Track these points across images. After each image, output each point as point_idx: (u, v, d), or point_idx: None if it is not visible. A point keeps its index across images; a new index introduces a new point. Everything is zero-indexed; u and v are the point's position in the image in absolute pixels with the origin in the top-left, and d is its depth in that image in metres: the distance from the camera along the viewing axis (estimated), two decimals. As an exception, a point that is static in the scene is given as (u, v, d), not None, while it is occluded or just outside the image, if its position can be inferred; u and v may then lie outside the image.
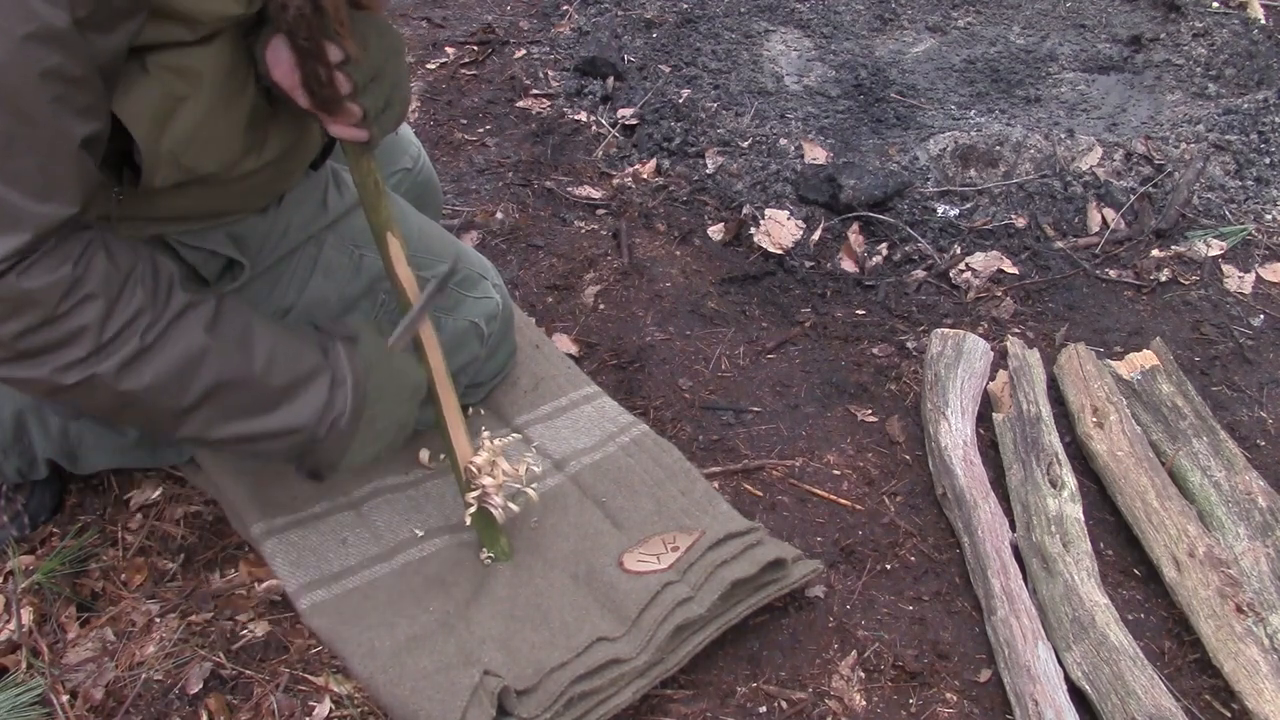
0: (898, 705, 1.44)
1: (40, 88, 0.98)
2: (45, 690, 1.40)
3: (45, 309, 1.08)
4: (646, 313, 2.14)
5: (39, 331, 1.09)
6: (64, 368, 1.12)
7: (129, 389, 1.15)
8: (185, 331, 1.18)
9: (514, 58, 3.07)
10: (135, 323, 1.14)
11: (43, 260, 1.07)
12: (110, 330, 1.13)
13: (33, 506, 1.64)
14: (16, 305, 1.07)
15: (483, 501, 1.49)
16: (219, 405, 1.22)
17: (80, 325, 1.11)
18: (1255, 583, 1.53)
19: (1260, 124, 2.62)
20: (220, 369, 1.20)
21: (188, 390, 1.19)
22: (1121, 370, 1.91)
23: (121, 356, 1.14)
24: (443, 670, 1.34)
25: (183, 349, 1.18)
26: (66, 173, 1.05)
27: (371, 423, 1.33)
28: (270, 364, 1.25)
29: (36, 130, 1.00)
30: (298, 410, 1.27)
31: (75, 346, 1.12)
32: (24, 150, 1.01)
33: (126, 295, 1.14)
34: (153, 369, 1.16)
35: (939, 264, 2.26)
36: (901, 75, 3.00)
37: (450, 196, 2.46)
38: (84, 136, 1.04)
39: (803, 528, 1.70)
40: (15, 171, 1.01)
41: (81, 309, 1.11)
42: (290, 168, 1.42)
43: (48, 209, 1.04)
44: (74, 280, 1.09)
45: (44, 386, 1.14)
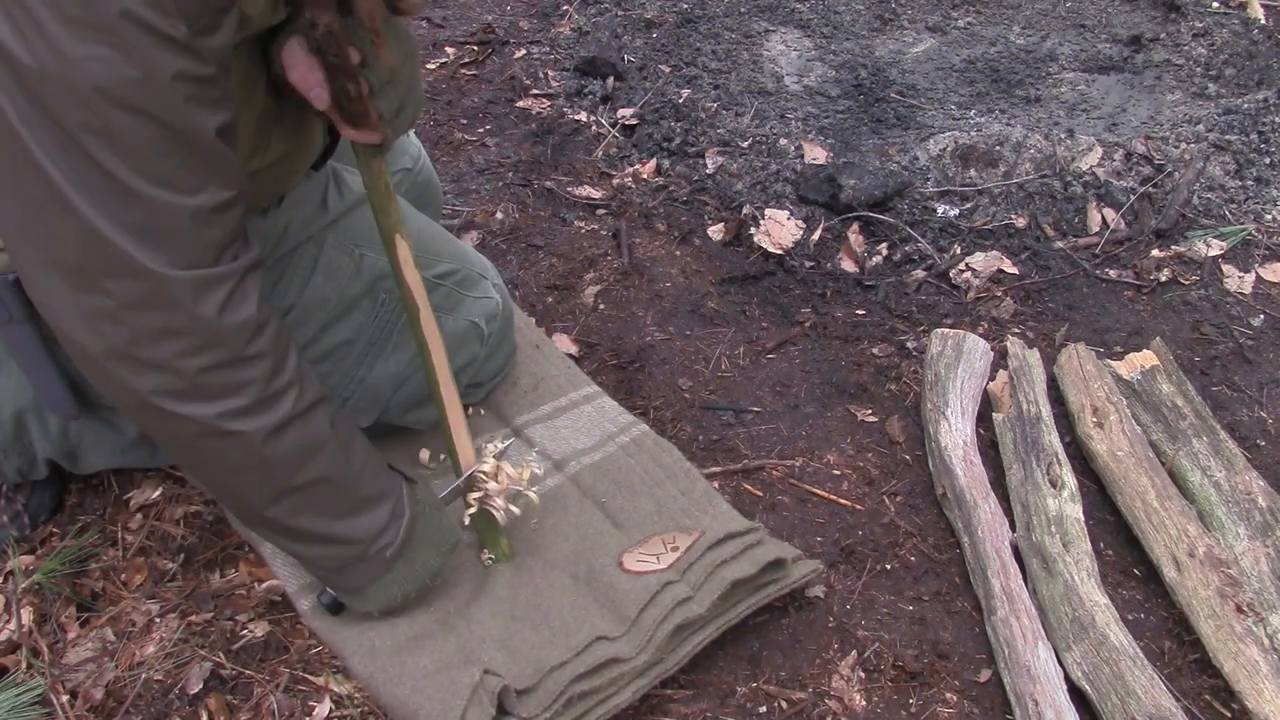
0: (898, 705, 1.44)
1: (174, 92, 1.02)
2: (45, 690, 1.40)
3: (233, 348, 1.14)
4: (646, 313, 2.14)
5: (221, 370, 1.14)
6: (229, 414, 1.16)
7: (268, 453, 1.20)
8: (319, 417, 1.25)
9: (514, 58, 3.07)
10: (291, 390, 1.21)
11: (237, 295, 1.13)
12: (274, 387, 1.19)
13: (33, 506, 1.64)
14: (211, 340, 1.12)
15: (484, 504, 1.49)
16: (314, 496, 1.27)
17: (253, 375, 1.17)
18: (1255, 583, 1.53)
19: (1260, 124, 2.62)
20: (331, 463, 1.27)
21: (302, 472, 1.24)
22: (1121, 370, 1.91)
23: (276, 418, 1.19)
24: (443, 669, 1.34)
25: (315, 431, 1.24)
26: (211, 162, 1.09)
27: (410, 563, 1.38)
28: (361, 474, 1.31)
29: (177, 131, 1.04)
30: (363, 524, 1.32)
31: (243, 395, 1.16)
32: (170, 151, 1.05)
33: (288, 362, 1.21)
34: (291, 440, 1.21)
35: (939, 264, 2.26)
36: (901, 75, 3.00)
37: (450, 196, 2.46)
38: (217, 126, 1.08)
39: (803, 528, 1.70)
40: (167, 173, 1.06)
41: (258, 360, 1.17)
42: (293, 168, 1.42)
43: (201, 199, 1.08)
44: (258, 325, 1.16)
45: (197, 428, 1.16)
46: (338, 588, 1.40)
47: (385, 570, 1.36)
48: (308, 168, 1.48)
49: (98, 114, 1.00)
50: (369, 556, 1.34)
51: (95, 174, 1.03)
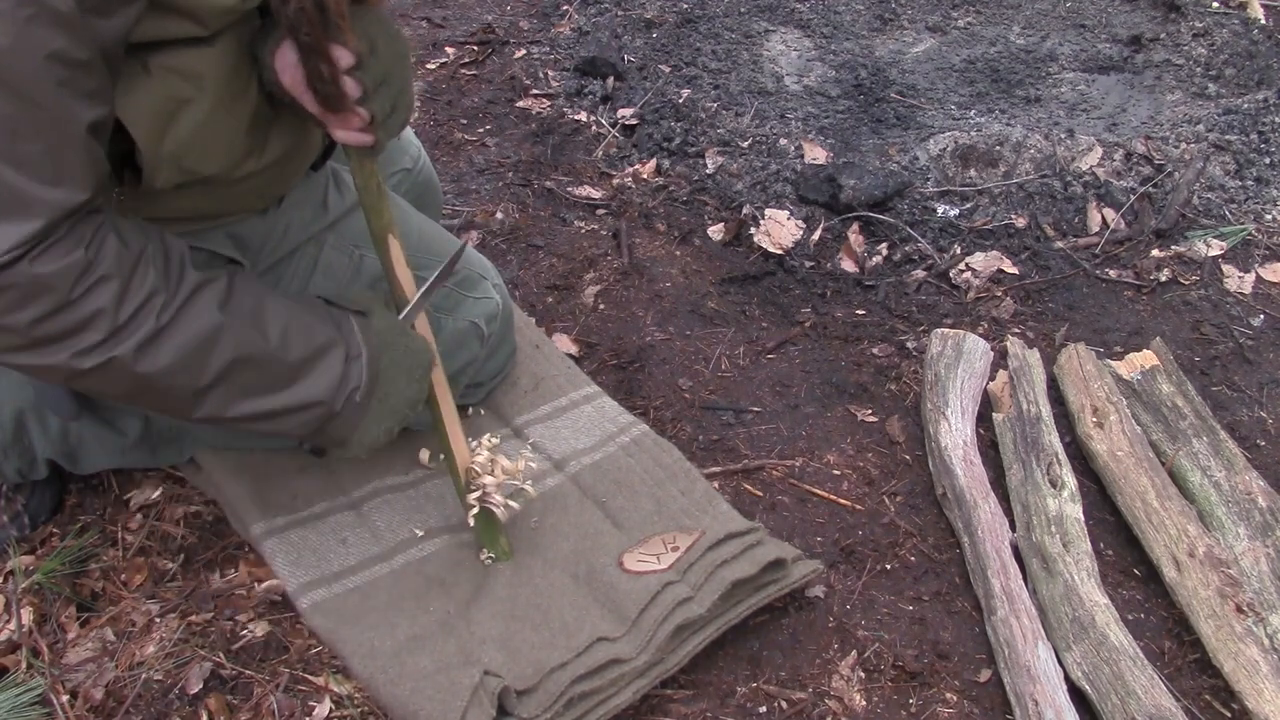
0: (898, 705, 1.44)
1: (46, 71, 0.98)
2: (45, 690, 1.40)
3: (59, 294, 1.08)
4: (646, 313, 2.14)
5: (54, 317, 1.09)
6: (82, 352, 1.11)
7: (147, 371, 1.15)
8: (200, 310, 1.18)
9: (514, 58, 3.07)
10: (150, 303, 1.14)
11: (55, 246, 1.06)
12: (125, 312, 1.12)
13: (33, 506, 1.64)
14: (30, 292, 1.06)
15: (484, 501, 1.49)
16: (236, 382, 1.22)
17: (96, 309, 1.10)
18: (1255, 583, 1.53)
19: (1260, 124, 2.62)
20: (236, 345, 1.20)
21: (205, 369, 1.19)
22: (1121, 370, 1.91)
23: (138, 338, 1.13)
24: (443, 670, 1.34)
25: (198, 327, 1.17)
26: (75, 158, 1.04)
27: (385, 399, 1.33)
28: (285, 339, 1.24)
29: (43, 114, 1.00)
30: (313, 384, 1.26)
31: (91, 330, 1.11)
32: (31, 134, 1.00)
33: (139, 276, 1.13)
34: (170, 349, 1.15)
35: (939, 264, 2.26)
36: (901, 75, 3.00)
37: (450, 196, 2.46)
38: (91, 121, 1.04)
39: (803, 528, 1.70)
40: (23, 156, 1.01)
41: (96, 292, 1.10)
42: (291, 169, 1.42)
43: (58, 194, 1.04)
44: (87, 264, 1.09)
45: (62, 373, 1.13)
46: (322, 444, 1.36)
47: (362, 413, 1.31)
48: (307, 168, 1.48)
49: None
50: (338, 410, 1.29)
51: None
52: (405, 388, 1.35)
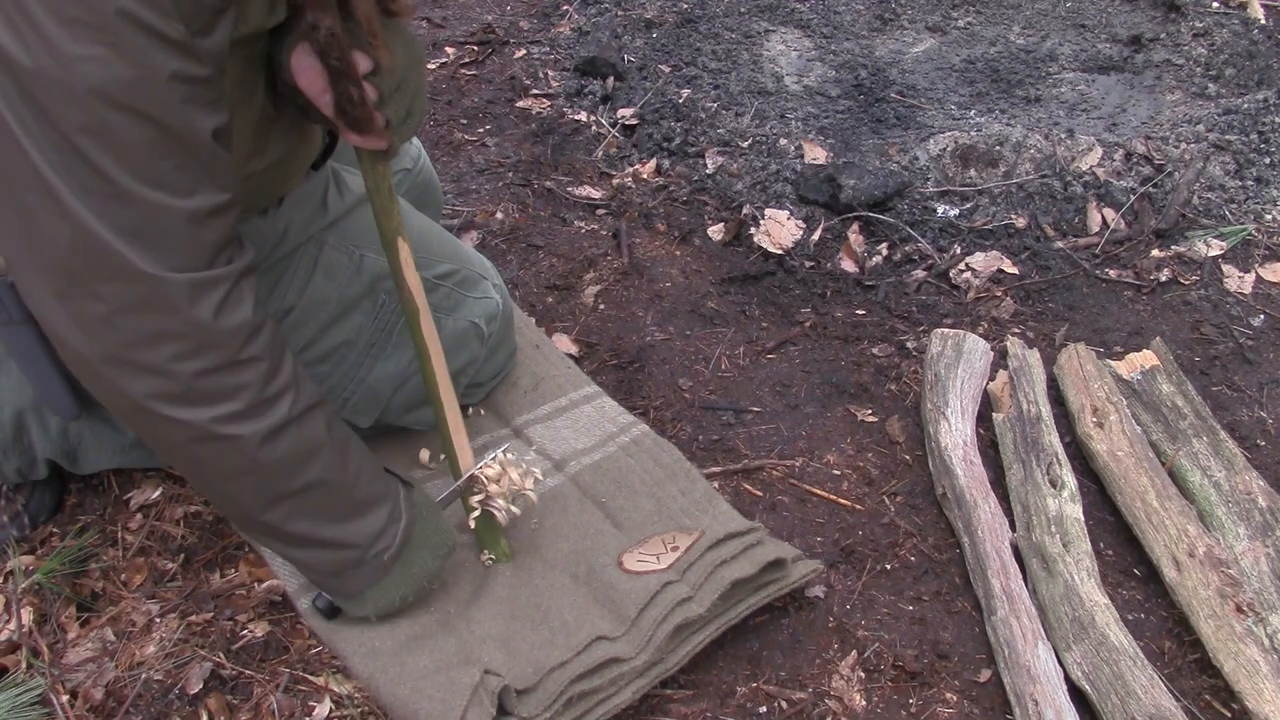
0: (898, 705, 1.44)
1: (169, 92, 1.01)
2: (45, 690, 1.40)
3: (229, 352, 1.13)
4: (646, 313, 2.14)
5: (217, 374, 1.13)
6: (224, 418, 1.15)
7: (264, 458, 1.19)
8: (315, 421, 1.24)
9: (514, 58, 3.07)
10: (286, 394, 1.20)
11: (232, 298, 1.12)
12: (270, 391, 1.18)
13: (33, 506, 1.64)
14: (206, 343, 1.11)
15: (486, 505, 1.49)
16: (310, 500, 1.26)
17: (248, 379, 1.15)
18: (1255, 583, 1.53)
19: (1260, 124, 2.62)
20: (327, 467, 1.26)
21: (299, 476, 1.23)
22: (1121, 370, 1.91)
23: (271, 422, 1.18)
24: (443, 669, 1.34)
25: (311, 435, 1.23)
26: (206, 164, 1.08)
27: (408, 565, 1.38)
28: (358, 478, 1.30)
29: (171, 132, 1.03)
30: (360, 528, 1.31)
31: (238, 399, 1.15)
32: (166, 152, 1.04)
33: (284, 367, 1.20)
34: (287, 444, 1.20)
35: (939, 264, 2.26)
36: (901, 75, 3.00)
37: (450, 196, 2.46)
38: (213, 129, 1.07)
39: (803, 528, 1.70)
40: (160, 175, 1.05)
41: (251, 365, 1.15)
42: (292, 169, 1.42)
43: (196, 201, 1.08)
44: (254, 329, 1.15)
45: (192, 433, 1.15)
46: (334, 592, 1.39)
47: (383, 574, 1.36)
48: (307, 168, 1.48)
49: (93, 114, 0.99)
50: (366, 560, 1.33)
51: (90, 175, 1.02)
52: (429, 561, 1.41)
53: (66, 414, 1.47)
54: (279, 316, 1.48)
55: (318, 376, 1.54)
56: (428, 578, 1.41)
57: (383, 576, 1.36)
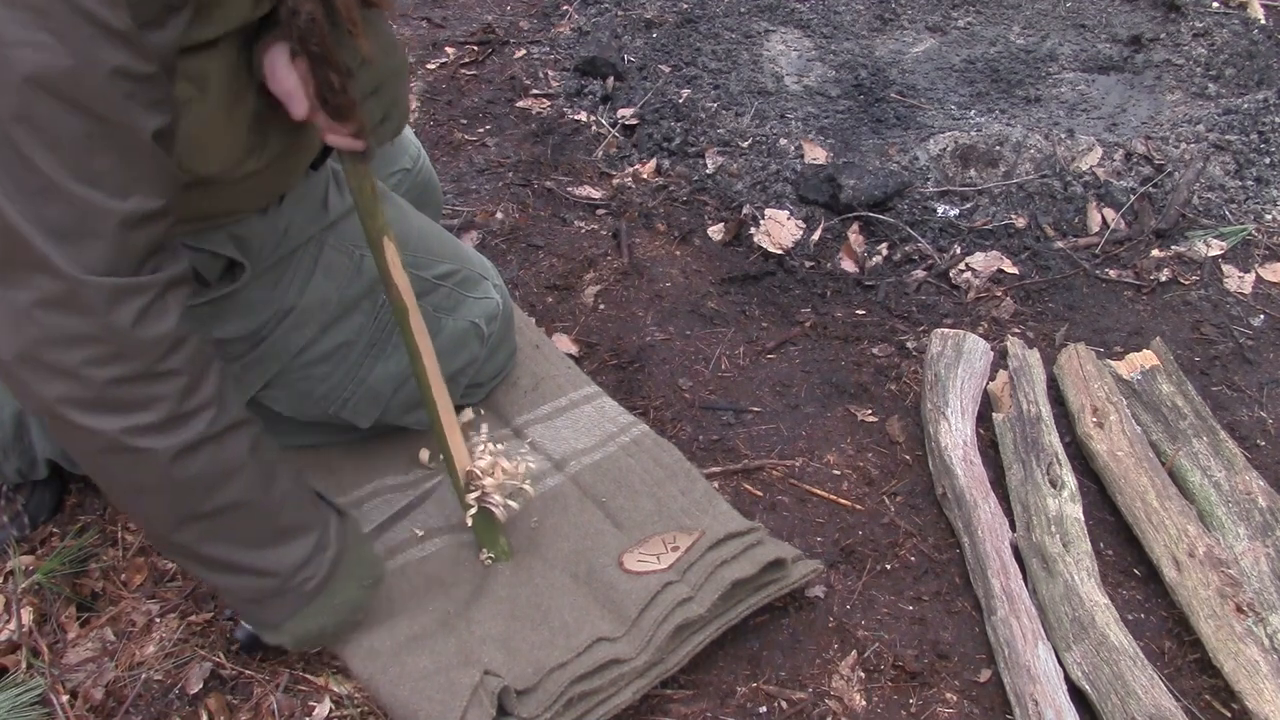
0: (898, 705, 1.44)
1: (111, 86, 0.98)
2: (45, 690, 1.40)
3: (145, 362, 1.09)
4: (646, 313, 2.14)
5: (131, 384, 1.09)
6: (134, 430, 1.11)
7: (176, 474, 1.15)
8: (236, 441, 1.20)
9: (514, 58, 3.07)
10: (205, 411, 1.15)
11: (155, 309, 1.08)
12: (187, 407, 1.13)
13: (33, 506, 1.64)
14: (121, 351, 1.07)
15: (483, 501, 1.49)
16: (225, 523, 1.22)
17: (164, 392, 1.11)
18: (1255, 583, 1.53)
19: (1260, 124, 2.62)
20: (245, 490, 1.21)
21: (212, 497, 1.19)
22: (1121, 370, 1.91)
23: (185, 439, 1.14)
24: (443, 670, 1.34)
25: (230, 456, 1.19)
26: (145, 167, 1.05)
27: (331, 595, 1.33)
28: (282, 504, 1.26)
29: (111, 128, 1.00)
30: (281, 557, 1.27)
31: (152, 411, 1.11)
32: (102, 149, 1.01)
33: (205, 383, 1.15)
34: (201, 463, 1.16)
35: (939, 264, 2.26)
36: (901, 75, 3.00)
37: (450, 196, 2.46)
38: (155, 129, 1.04)
39: (803, 528, 1.70)
40: (96, 172, 1.02)
41: (169, 378, 1.11)
42: (291, 168, 1.42)
43: (130, 204, 1.04)
44: (175, 341, 1.11)
45: (102, 442, 1.11)
46: (253, 620, 1.36)
47: (305, 603, 1.31)
48: (306, 167, 1.48)
49: (29, 103, 0.95)
50: (288, 590, 1.28)
51: (19, 166, 0.98)
52: (353, 592, 1.36)
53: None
54: (279, 317, 1.48)
55: (318, 377, 1.54)
56: (350, 609, 1.37)
57: (305, 605, 1.31)
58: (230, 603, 1.35)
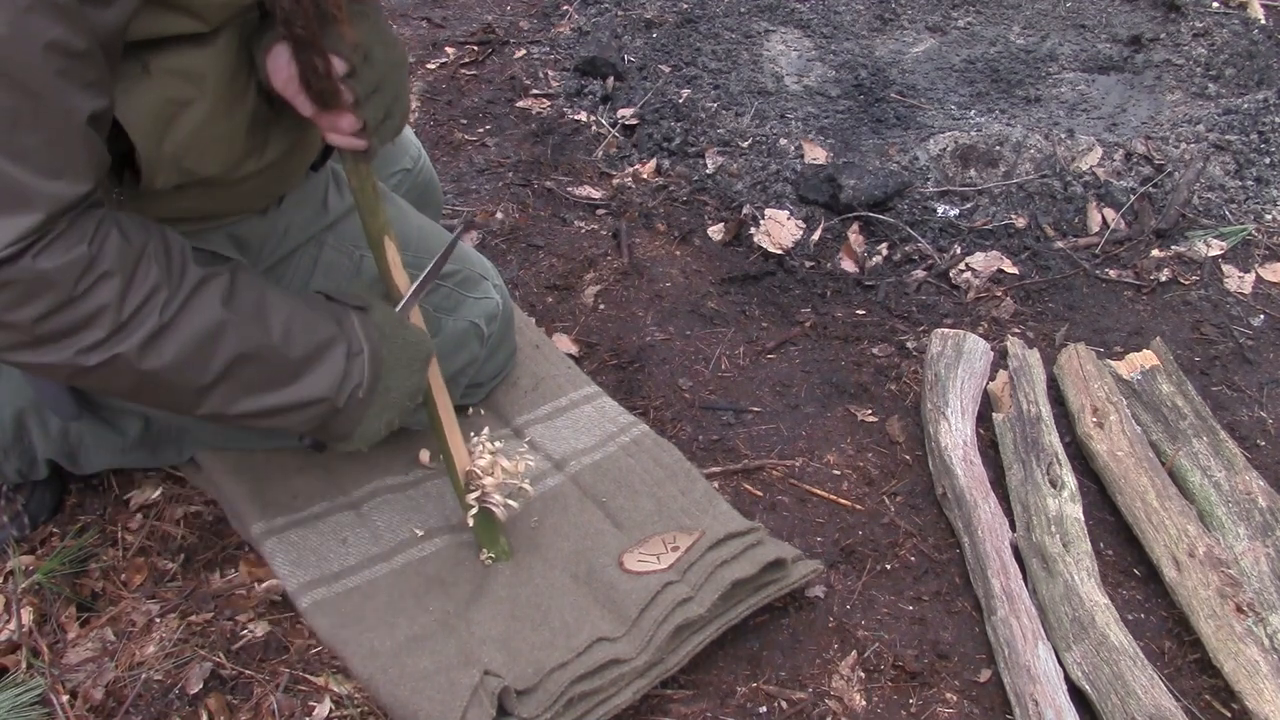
0: (898, 705, 1.44)
1: (44, 61, 0.97)
2: (45, 690, 1.40)
3: (63, 290, 1.07)
4: (646, 313, 2.14)
5: (58, 314, 1.07)
6: (86, 349, 1.10)
7: (151, 368, 1.14)
8: (203, 305, 1.17)
9: (514, 58, 3.07)
10: (153, 299, 1.13)
11: (58, 240, 1.05)
12: (129, 308, 1.11)
13: (33, 506, 1.64)
14: (33, 288, 1.05)
15: (483, 501, 1.49)
16: (239, 379, 1.21)
17: (99, 305, 1.09)
18: (1255, 583, 1.53)
19: (1260, 124, 2.62)
20: (239, 341, 1.19)
21: (209, 365, 1.17)
22: (1121, 370, 1.91)
23: (142, 334, 1.12)
24: (443, 670, 1.34)
25: (201, 323, 1.16)
26: (75, 149, 1.04)
27: (386, 392, 1.33)
28: (288, 335, 1.23)
29: (42, 105, 0.99)
30: (317, 381, 1.26)
31: (95, 328, 1.10)
32: (30, 126, 0.99)
33: (142, 271, 1.12)
34: (174, 345, 1.14)
35: (939, 264, 2.26)
36: (901, 75, 3.00)
37: (450, 196, 2.46)
38: (91, 112, 1.03)
39: (803, 528, 1.70)
40: (23, 148, 1.00)
41: (99, 288, 1.09)
42: (291, 169, 1.42)
43: (57, 186, 1.03)
44: (90, 259, 1.07)
45: (66, 370, 1.12)
46: (326, 438, 1.35)
47: (365, 408, 1.31)
48: (307, 168, 1.48)
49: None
50: (343, 406, 1.28)
51: None
52: (406, 379, 1.35)
53: (66, 414, 1.47)
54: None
55: None
56: (409, 395, 1.36)
57: (365, 410, 1.31)
58: (297, 434, 1.34)
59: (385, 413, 1.34)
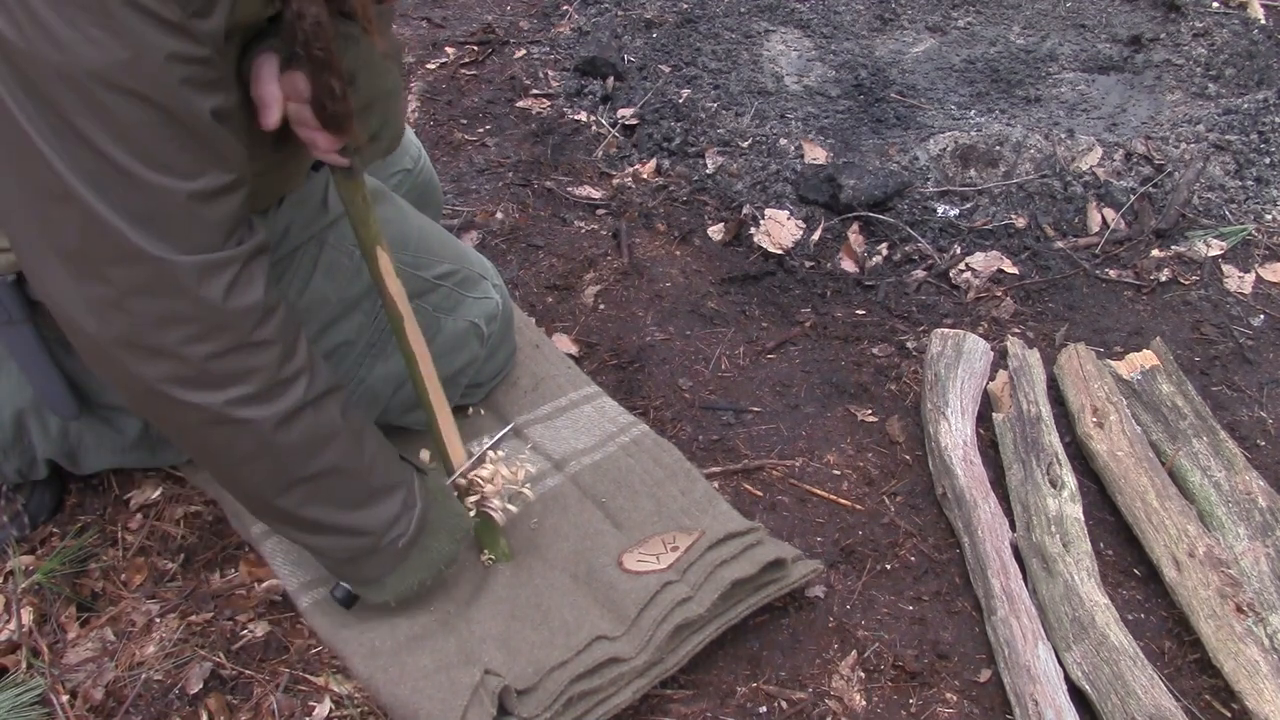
0: (898, 705, 1.44)
1: (167, 73, 1.01)
2: (45, 690, 1.40)
3: (240, 334, 1.13)
4: (646, 313, 2.14)
5: (229, 356, 1.13)
6: (236, 401, 1.15)
7: (278, 441, 1.19)
8: (330, 406, 1.24)
9: (514, 58, 3.07)
10: (301, 378, 1.20)
11: (242, 280, 1.12)
12: (284, 374, 1.18)
13: (33, 506, 1.64)
14: (217, 325, 1.11)
15: (482, 506, 1.49)
16: (324, 486, 1.27)
17: (262, 362, 1.15)
18: (1255, 583, 1.53)
19: (1260, 124, 2.62)
20: (342, 453, 1.26)
21: (312, 462, 1.23)
22: (1121, 370, 1.91)
23: (287, 405, 1.18)
24: (443, 670, 1.34)
25: (327, 420, 1.23)
26: (209, 145, 1.08)
27: (424, 551, 1.38)
28: (373, 465, 1.31)
29: (172, 113, 1.03)
30: (375, 515, 1.32)
31: (252, 381, 1.15)
32: (168, 134, 1.04)
33: (298, 350, 1.20)
34: (302, 429, 1.20)
35: (939, 264, 2.26)
36: (901, 75, 3.00)
37: (450, 196, 2.46)
38: (212, 109, 1.06)
39: (803, 528, 1.70)
40: (166, 156, 1.04)
41: (264, 348, 1.15)
42: (291, 170, 1.42)
43: (202, 183, 1.07)
44: (266, 309, 1.15)
45: (206, 416, 1.15)
46: (350, 579, 1.39)
47: (399, 560, 1.36)
48: (307, 169, 1.48)
49: (92, 97, 0.99)
50: (382, 547, 1.34)
51: (92, 159, 1.02)
52: (445, 544, 1.41)
53: (66, 414, 1.47)
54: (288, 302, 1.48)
55: None
56: (445, 561, 1.42)
57: (400, 562, 1.37)
58: (326, 564, 1.39)
59: (421, 570, 1.39)
